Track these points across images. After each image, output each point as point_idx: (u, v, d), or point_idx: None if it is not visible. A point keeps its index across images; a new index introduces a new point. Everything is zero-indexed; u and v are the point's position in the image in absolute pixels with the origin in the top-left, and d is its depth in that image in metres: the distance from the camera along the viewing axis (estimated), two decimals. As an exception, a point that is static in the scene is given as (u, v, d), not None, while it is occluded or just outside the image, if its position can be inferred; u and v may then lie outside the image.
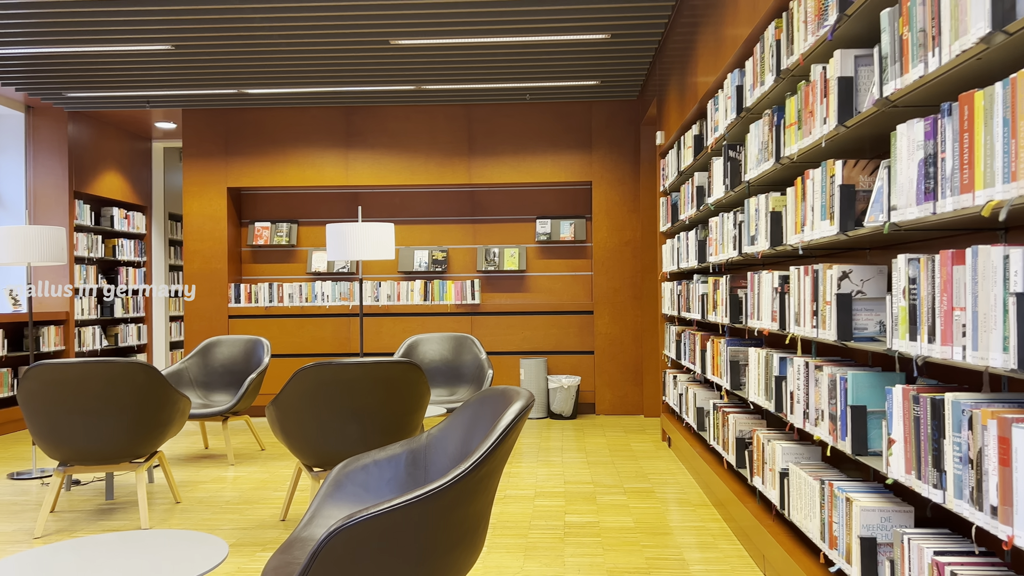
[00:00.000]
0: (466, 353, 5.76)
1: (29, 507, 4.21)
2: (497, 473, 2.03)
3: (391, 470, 2.51)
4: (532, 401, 2.07)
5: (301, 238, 7.58)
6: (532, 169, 7.22)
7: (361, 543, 1.83)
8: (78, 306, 7.47)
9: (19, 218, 7.21)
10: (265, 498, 4.32)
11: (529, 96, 7.01)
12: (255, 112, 7.35)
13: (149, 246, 8.82)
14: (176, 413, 3.92)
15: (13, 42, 5.40)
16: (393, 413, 3.61)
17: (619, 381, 7.11)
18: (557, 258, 7.43)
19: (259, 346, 5.72)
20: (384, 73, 6.22)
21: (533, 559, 3.25)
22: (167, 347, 9.05)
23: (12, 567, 2.01)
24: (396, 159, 7.28)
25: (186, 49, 5.57)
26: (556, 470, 4.93)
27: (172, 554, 2.07)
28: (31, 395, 3.59)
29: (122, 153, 8.27)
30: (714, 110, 3.97)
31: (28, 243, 4.86)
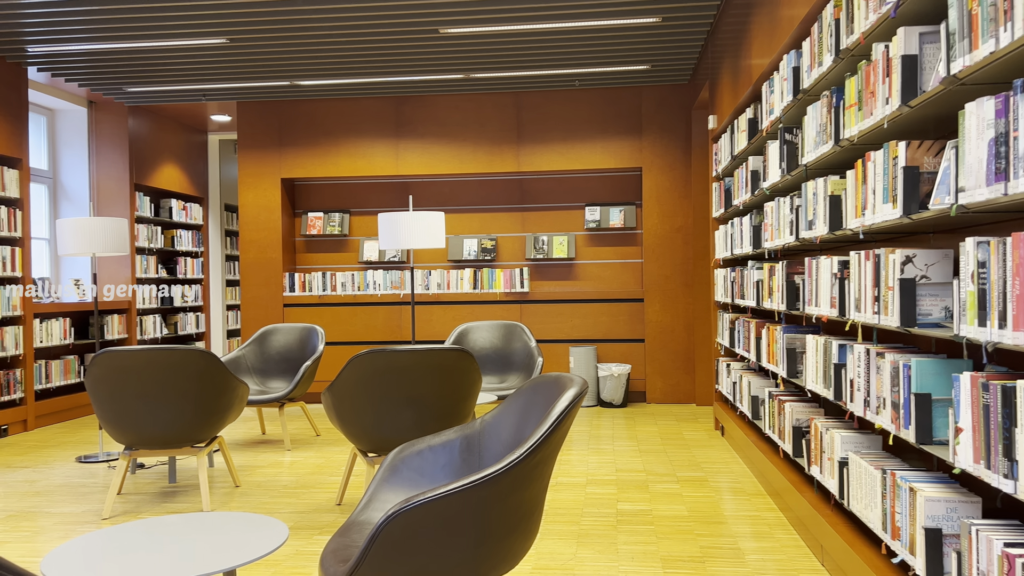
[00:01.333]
0: (516, 341, 5.78)
1: (97, 489, 4.36)
2: (551, 459, 2.03)
3: (446, 456, 2.53)
4: (586, 388, 2.06)
5: (353, 228, 7.68)
6: (581, 156, 7.18)
7: (419, 527, 1.85)
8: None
9: (83, 210, 7.45)
10: (321, 483, 4.41)
11: (578, 82, 6.96)
12: (307, 103, 7.45)
13: (206, 236, 9.04)
14: (235, 399, 4.01)
15: (76, 39, 5.56)
16: (445, 400, 3.64)
17: (670, 369, 7.05)
18: (606, 245, 7.39)
19: (314, 334, 5.82)
20: (433, 62, 6.24)
21: (586, 546, 3.26)
22: (224, 335, 9.27)
23: (87, 545, 2.08)
24: (445, 148, 7.31)
25: (240, 42, 5.66)
26: (607, 458, 4.91)
27: (235, 535, 2.13)
28: (98, 381, 3.71)
29: (179, 146, 8.47)
30: (769, 93, 3.89)
31: (93, 234, 5.02)
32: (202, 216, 8.98)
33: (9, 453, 5.38)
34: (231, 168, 9.62)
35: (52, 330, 6.56)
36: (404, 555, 1.87)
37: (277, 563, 3.12)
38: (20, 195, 6.20)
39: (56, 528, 3.64)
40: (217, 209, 9.20)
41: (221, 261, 9.26)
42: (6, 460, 5.16)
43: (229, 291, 9.56)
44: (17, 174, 6.19)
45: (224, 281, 9.34)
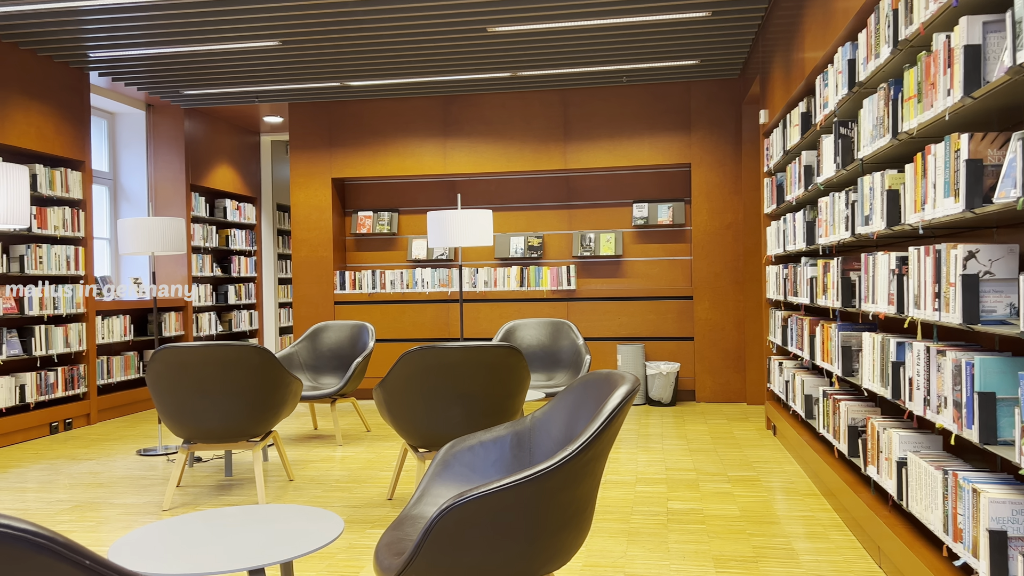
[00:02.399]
0: (563, 338, 5.77)
1: (156, 481, 4.49)
2: (603, 456, 2.03)
3: (496, 451, 2.55)
4: (638, 385, 2.05)
5: (402, 226, 7.76)
6: (629, 152, 7.14)
7: (472, 521, 1.87)
8: (195, 293, 7.89)
9: (142, 210, 7.67)
10: (372, 477, 4.47)
11: (626, 78, 6.92)
12: (357, 104, 7.55)
13: (259, 236, 9.22)
14: (289, 395, 4.09)
15: (135, 44, 5.73)
16: (494, 396, 3.66)
17: (720, 368, 6.97)
18: (654, 242, 7.33)
19: (364, 331, 5.91)
20: (481, 61, 6.27)
21: (636, 544, 3.24)
22: (277, 332, 9.45)
23: (151, 535, 2.15)
24: (492, 146, 7.34)
25: (292, 44, 5.77)
26: (656, 456, 4.88)
27: (292, 527, 2.17)
28: (158, 376, 3.82)
29: (233, 147, 8.66)
30: (823, 86, 3.82)
31: (152, 234, 5.17)
32: (255, 216, 9.17)
33: (74, 446, 5.58)
34: (283, 168, 9.80)
35: (113, 327, 6.77)
36: (457, 549, 1.89)
37: (331, 556, 3.18)
38: (83, 196, 6.41)
39: (119, 518, 3.77)
40: (269, 209, 9.38)
41: (273, 260, 9.44)
42: (71, 452, 5.35)
43: (281, 289, 9.74)
44: (80, 176, 6.40)
45: (276, 279, 9.52)
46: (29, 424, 5.76)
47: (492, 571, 1.96)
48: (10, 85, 5.71)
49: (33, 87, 5.92)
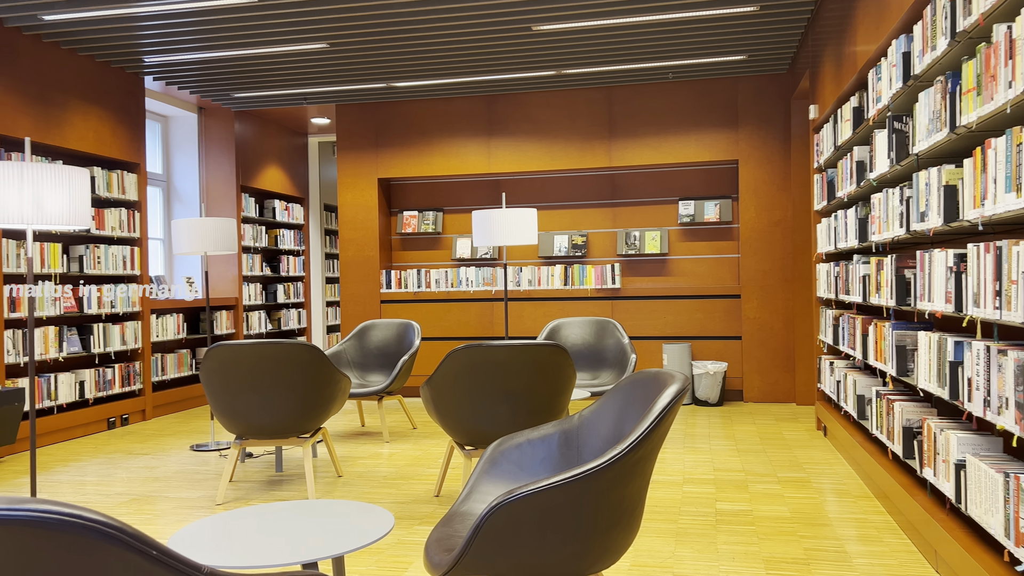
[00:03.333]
0: (608, 337, 5.75)
1: (209, 476, 4.60)
2: (653, 455, 2.02)
3: (544, 449, 2.55)
4: (688, 385, 2.04)
5: (446, 225, 7.81)
6: (674, 149, 7.07)
7: (521, 518, 1.88)
8: (245, 292, 8.06)
9: (194, 211, 7.85)
10: (419, 474, 4.51)
11: (672, 75, 6.86)
12: (402, 104, 7.62)
13: (307, 236, 9.37)
14: (338, 392, 4.15)
15: (187, 49, 5.87)
16: (540, 394, 3.67)
17: (769, 367, 6.87)
18: (701, 240, 7.26)
19: (410, 329, 5.96)
20: (526, 60, 6.27)
21: (685, 545, 3.22)
22: (324, 331, 9.59)
23: (207, 528, 2.20)
24: (536, 145, 7.34)
25: (340, 46, 5.85)
26: (704, 457, 4.83)
27: (344, 522, 2.21)
28: (211, 373, 3.91)
29: (281, 148, 8.81)
30: (876, 80, 3.74)
31: (204, 234, 5.29)
32: (303, 216, 9.31)
33: (130, 441, 5.74)
34: (329, 169, 9.94)
35: (167, 325, 6.95)
36: (507, 546, 1.90)
37: (380, 551, 3.22)
38: (138, 198, 6.59)
39: (175, 512, 3.86)
40: (317, 209, 9.52)
41: (321, 259, 9.58)
42: (127, 447, 5.50)
43: (328, 288, 9.88)
44: (136, 178, 6.58)
45: (324, 279, 9.66)
46: (88, 419, 5.94)
47: (541, 568, 1.96)
48: (70, 91, 5.90)
49: (91, 92, 6.10)
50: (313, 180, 9.48)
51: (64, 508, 1.05)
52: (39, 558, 1.08)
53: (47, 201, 3.03)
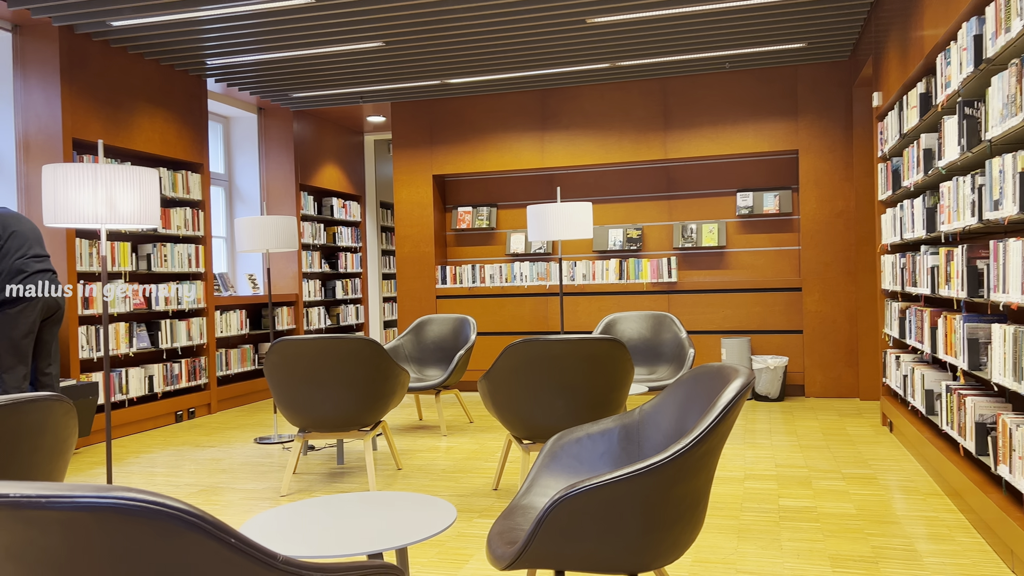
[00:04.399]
0: (665, 332, 5.70)
1: (273, 468, 4.71)
2: (717, 450, 2.00)
3: (604, 444, 2.54)
4: (753, 379, 2.01)
5: (500, 221, 7.83)
6: (732, 140, 6.96)
7: (584, 512, 1.88)
8: (305, 288, 8.22)
9: (255, 209, 8.03)
10: (476, 467, 4.54)
11: (729, 64, 6.74)
12: (457, 101, 7.67)
13: (364, 233, 9.51)
14: (398, 385, 4.21)
15: (247, 51, 6.00)
16: (598, 389, 3.65)
17: (831, 362, 6.71)
18: (760, 232, 7.13)
19: (466, 324, 6.00)
20: (579, 53, 6.24)
21: (748, 541, 3.17)
22: (381, 326, 9.73)
23: (276, 518, 2.26)
24: (590, 138, 7.30)
25: (395, 45, 5.91)
26: (765, 452, 4.76)
27: (408, 514, 2.24)
28: (275, 367, 4.00)
29: (338, 147, 8.96)
30: (945, 64, 3.61)
31: (266, 232, 5.41)
32: (360, 213, 9.45)
33: (197, 434, 5.91)
34: (385, 167, 10.06)
35: (230, 321, 7.13)
36: (570, 539, 1.90)
37: (441, 543, 3.25)
38: (202, 197, 6.77)
39: (241, 502, 3.97)
40: (373, 206, 9.65)
41: (377, 256, 9.71)
42: (195, 440, 5.67)
43: (385, 284, 10.01)
44: (199, 178, 6.76)
45: (380, 275, 9.79)
46: (157, 412, 6.14)
47: (604, 562, 1.96)
48: (137, 94, 6.09)
49: (157, 95, 6.29)
50: (369, 178, 9.61)
51: (150, 496, 1.09)
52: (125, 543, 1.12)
53: (119, 201, 3.13)
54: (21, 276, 4.43)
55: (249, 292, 7.82)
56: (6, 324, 4.42)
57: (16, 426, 2.05)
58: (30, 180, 5.44)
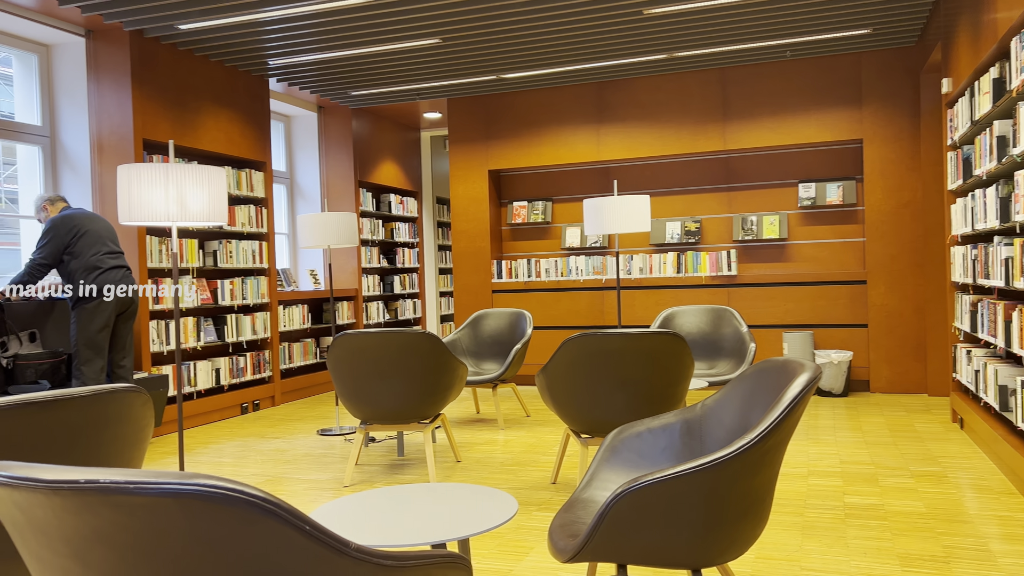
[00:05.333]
0: (725, 326, 5.62)
1: (335, 459, 4.81)
2: (783, 446, 1.97)
3: (665, 439, 2.53)
4: (820, 374, 1.97)
5: (555, 215, 7.83)
6: (793, 130, 6.81)
7: (647, 507, 1.87)
8: (364, 283, 8.35)
9: (316, 206, 8.19)
10: (534, 461, 4.56)
11: (790, 53, 6.60)
12: (512, 96, 7.68)
13: (420, 228, 9.61)
14: (456, 379, 4.25)
15: (308, 50, 6.12)
16: (657, 384, 3.63)
17: (898, 356, 6.53)
18: (822, 224, 6.97)
19: (522, 318, 6.02)
20: (636, 44, 6.19)
21: (812, 538, 3.12)
22: (438, 320, 9.83)
23: (343, 507, 2.31)
24: (647, 131, 7.24)
25: (452, 41, 5.95)
26: (829, 449, 4.66)
27: (469, 505, 2.27)
28: (338, 361, 4.09)
29: (396, 144, 9.07)
30: (1020, 48, 3.48)
31: (327, 228, 5.52)
32: (416, 209, 9.55)
33: (262, 425, 6.07)
34: (441, 163, 10.15)
35: (293, 316, 7.29)
36: (632, 533, 1.90)
37: (501, 535, 3.28)
38: (265, 195, 6.94)
39: (306, 492, 4.07)
40: (430, 202, 9.74)
41: (434, 251, 9.81)
42: (260, 431, 5.83)
43: (441, 279, 10.11)
44: (263, 176, 6.93)
45: (437, 270, 9.89)
46: (224, 404, 6.32)
47: (666, 557, 1.96)
48: (203, 95, 6.27)
49: (222, 96, 6.47)
50: (426, 174, 9.71)
51: (229, 484, 1.13)
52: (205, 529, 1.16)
53: (190, 199, 3.24)
54: (96, 273, 4.61)
55: (310, 287, 7.99)
56: (84, 319, 4.61)
57: (98, 416, 2.14)
58: (104, 180, 5.65)
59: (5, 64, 5.56)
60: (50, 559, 1.28)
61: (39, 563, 1.31)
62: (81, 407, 2.09)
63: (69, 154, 5.71)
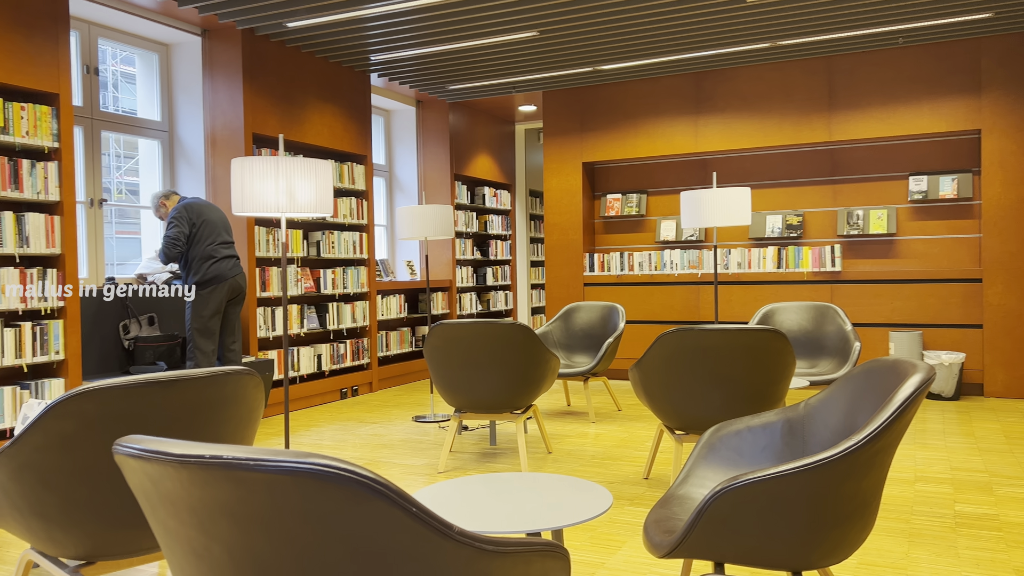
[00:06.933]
0: (828, 324, 5.43)
1: (430, 446, 4.92)
2: (892, 448, 1.90)
3: (766, 437, 2.48)
4: (933, 375, 1.89)
5: (650, 207, 7.73)
6: (904, 120, 6.50)
7: (747, 505, 1.84)
8: (458, 275, 8.48)
9: (413, 199, 8.37)
10: (626, 455, 4.54)
11: (902, 40, 6.29)
12: (608, 88, 7.62)
13: (513, 221, 9.67)
14: (548, 371, 4.27)
15: (408, 45, 6.25)
16: (756, 381, 3.55)
17: (1016, 359, 6.15)
18: (934, 219, 6.63)
19: (615, 312, 5.99)
20: (737, 33, 6.04)
21: (919, 546, 2.99)
22: (529, 312, 9.88)
23: (441, 492, 2.37)
24: (747, 121, 7.05)
25: (549, 33, 5.95)
26: (939, 454, 4.44)
27: (565, 496, 2.28)
28: (434, 350, 4.17)
29: (490, 137, 9.15)
30: None
31: (424, 221, 5.63)
32: (510, 202, 9.62)
33: (360, 410, 6.26)
34: (535, 155, 10.18)
35: (390, 305, 7.48)
36: (731, 532, 1.88)
37: (594, 528, 3.29)
38: (366, 187, 7.13)
39: (402, 477, 4.18)
40: (523, 195, 9.79)
41: (526, 243, 9.86)
42: (358, 416, 6.01)
43: (533, 271, 10.15)
44: (364, 169, 7.12)
45: (528, 262, 9.94)
46: (324, 389, 6.56)
47: (766, 557, 1.92)
48: (308, 91, 6.49)
49: (326, 91, 6.68)
50: (519, 166, 9.76)
51: (343, 464, 1.18)
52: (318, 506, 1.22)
53: (298, 191, 3.37)
54: (210, 262, 4.88)
55: (407, 278, 8.17)
56: (198, 304, 4.87)
57: (213, 396, 2.27)
58: (216, 172, 5.94)
59: (129, 63, 5.91)
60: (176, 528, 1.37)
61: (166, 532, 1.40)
62: (200, 387, 2.22)
63: (185, 148, 6.02)
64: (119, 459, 1.35)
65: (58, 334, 4.52)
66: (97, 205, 5.39)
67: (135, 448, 1.30)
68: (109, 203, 5.52)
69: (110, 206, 5.56)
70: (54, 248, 4.51)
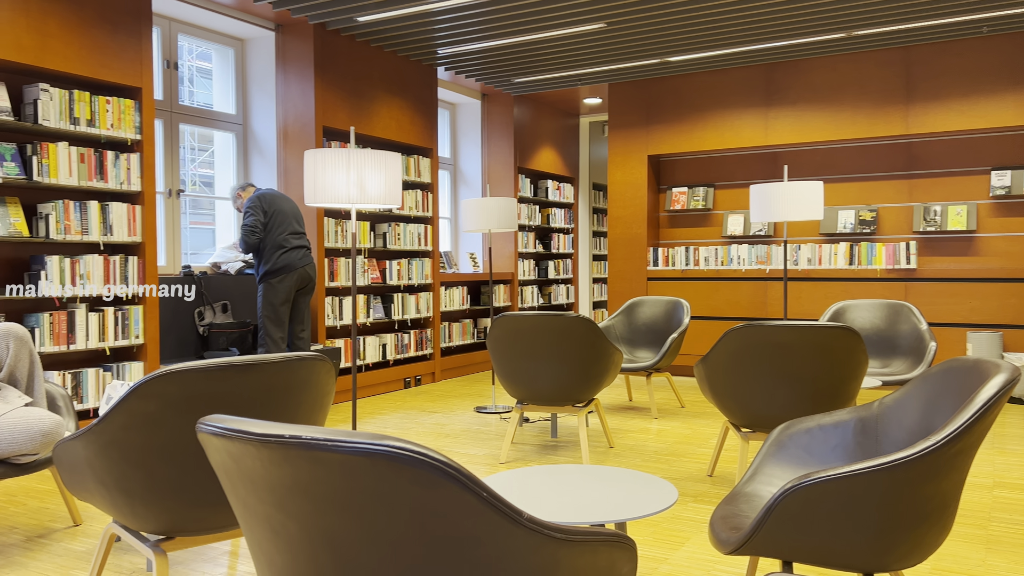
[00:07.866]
0: (902, 323, 5.26)
1: (491, 436, 4.95)
2: (972, 451, 1.84)
3: (837, 436, 2.42)
4: (1018, 376, 1.82)
5: (717, 202, 7.61)
6: (987, 113, 6.23)
7: (818, 504, 1.81)
8: (520, 267, 8.50)
9: (477, 192, 8.42)
10: (689, 452, 4.49)
11: (987, 28, 6.03)
12: (674, 80, 7.52)
13: (576, 214, 9.64)
14: (611, 365, 4.26)
15: (475, 38, 6.28)
16: (826, 380, 3.46)
17: (1104, 364, 5.86)
18: (1018, 215, 6.35)
19: (679, 307, 5.92)
20: (811, 23, 5.88)
21: (997, 553, 2.88)
22: (591, 306, 9.84)
23: (506, 482, 2.39)
24: (819, 114, 6.87)
25: (616, 24, 5.91)
26: (1019, 460, 4.27)
27: (629, 489, 2.28)
28: (497, 341, 4.20)
29: (554, 130, 9.13)
30: None
31: (488, 213, 5.66)
32: (572, 195, 9.59)
33: (423, 400, 6.35)
34: (598, 148, 10.12)
35: (453, 297, 7.55)
36: (800, 531, 1.84)
37: (657, 523, 3.27)
38: (431, 180, 7.21)
39: (465, 466, 4.22)
40: (586, 188, 9.75)
41: (588, 237, 9.82)
42: (421, 405, 6.10)
43: (595, 265, 10.11)
44: (429, 162, 7.20)
45: (591, 256, 9.90)
46: (389, 378, 6.67)
47: (837, 557, 1.88)
48: (377, 84, 6.59)
49: (394, 85, 6.77)
50: (583, 160, 9.72)
51: (416, 447, 1.21)
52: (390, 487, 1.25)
53: (368, 183, 3.43)
54: (281, 251, 5.01)
55: (469, 270, 8.23)
56: (269, 292, 5.01)
57: (287, 381, 2.33)
58: (288, 164, 6.09)
59: (205, 58, 6.10)
60: (255, 506, 1.42)
61: (245, 509, 1.46)
62: (275, 371, 2.29)
63: (258, 140, 6.19)
64: (202, 437, 1.41)
65: (138, 319, 4.71)
66: (175, 195, 5.59)
67: (218, 427, 1.35)
68: (185, 194, 5.72)
69: (186, 197, 5.76)
70: (135, 236, 4.70)
